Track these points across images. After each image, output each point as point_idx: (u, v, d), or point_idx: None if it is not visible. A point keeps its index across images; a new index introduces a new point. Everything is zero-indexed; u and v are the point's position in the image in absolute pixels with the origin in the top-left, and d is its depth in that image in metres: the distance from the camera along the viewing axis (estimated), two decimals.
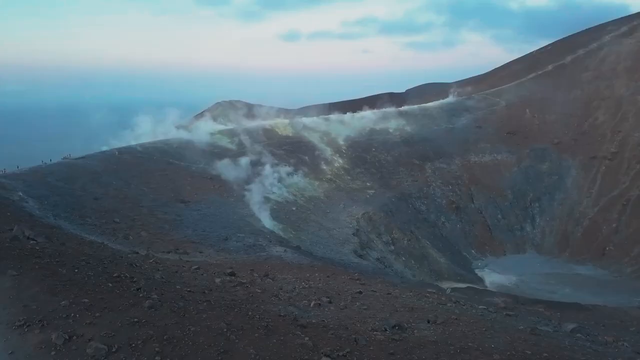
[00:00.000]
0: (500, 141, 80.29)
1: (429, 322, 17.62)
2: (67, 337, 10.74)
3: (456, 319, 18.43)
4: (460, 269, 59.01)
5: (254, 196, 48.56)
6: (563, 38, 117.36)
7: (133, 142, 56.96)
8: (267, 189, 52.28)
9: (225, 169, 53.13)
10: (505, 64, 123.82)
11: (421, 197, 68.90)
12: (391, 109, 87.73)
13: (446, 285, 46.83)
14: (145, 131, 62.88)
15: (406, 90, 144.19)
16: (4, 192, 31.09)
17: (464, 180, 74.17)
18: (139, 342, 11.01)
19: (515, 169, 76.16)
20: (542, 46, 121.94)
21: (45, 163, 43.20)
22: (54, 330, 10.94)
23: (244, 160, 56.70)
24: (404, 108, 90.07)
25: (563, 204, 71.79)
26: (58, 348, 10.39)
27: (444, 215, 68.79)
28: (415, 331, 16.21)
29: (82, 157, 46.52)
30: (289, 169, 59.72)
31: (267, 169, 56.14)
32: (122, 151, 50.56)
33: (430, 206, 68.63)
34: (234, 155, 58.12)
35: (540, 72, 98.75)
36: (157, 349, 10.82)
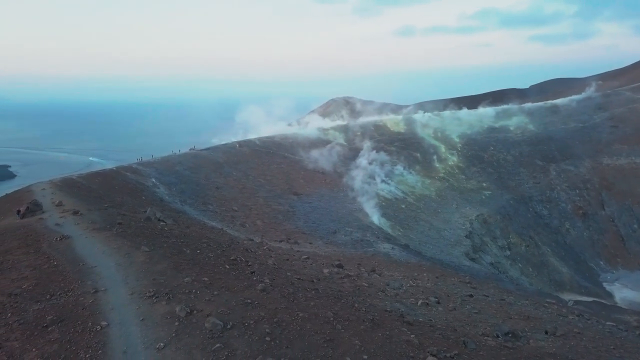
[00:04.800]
0: None
1: (547, 333, 16.36)
2: (189, 311, 11.67)
3: (579, 332, 16.89)
4: (585, 280, 54.07)
5: (363, 192, 48.79)
6: None
7: (244, 137, 60.21)
8: (376, 185, 52.22)
9: (335, 163, 54.10)
10: None
11: (543, 200, 64.17)
12: (513, 106, 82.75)
13: (568, 297, 43.23)
14: (262, 126, 66.23)
15: (530, 86, 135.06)
16: (140, 178, 34.83)
17: (593, 185, 67.61)
18: (251, 322, 11.59)
19: None
20: None
21: (175, 153, 47.41)
22: (178, 303, 11.96)
23: (354, 156, 57.23)
24: (527, 105, 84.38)
25: None
26: (181, 320, 11.33)
27: (569, 222, 63.33)
28: (530, 341, 15.15)
29: (207, 149, 50.28)
30: (399, 165, 59.09)
31: (377, 165, 56.01)
32: (242, 144, 53.77)
33: (553, 211, 63.62)
34: (345, 150, 58.93)
35: None
36: (267, 330, 11.31)
